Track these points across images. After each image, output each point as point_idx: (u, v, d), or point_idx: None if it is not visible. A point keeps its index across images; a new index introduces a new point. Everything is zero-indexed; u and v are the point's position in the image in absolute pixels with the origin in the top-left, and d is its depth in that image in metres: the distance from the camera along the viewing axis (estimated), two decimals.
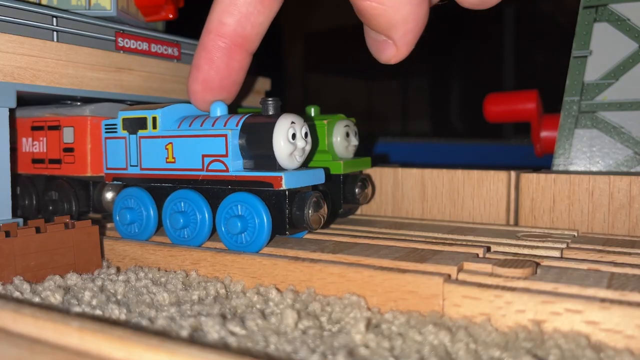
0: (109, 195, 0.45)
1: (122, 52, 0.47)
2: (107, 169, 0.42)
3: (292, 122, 0.35)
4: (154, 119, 0.39)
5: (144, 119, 0.39)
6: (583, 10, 0.48)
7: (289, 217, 0.35)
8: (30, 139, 0.48)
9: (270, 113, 0.36)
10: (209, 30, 0.37)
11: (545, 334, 0.25)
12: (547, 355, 0.23)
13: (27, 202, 0.48)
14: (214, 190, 0.37)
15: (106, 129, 0.41)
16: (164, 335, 0.23)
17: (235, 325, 0.25)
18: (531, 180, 0.44)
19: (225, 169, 0.36)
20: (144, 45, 0.49)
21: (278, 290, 0.31)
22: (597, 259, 0.32)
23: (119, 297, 0.31)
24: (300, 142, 0.35)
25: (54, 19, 0.42)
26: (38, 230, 0.35)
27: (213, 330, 0.25)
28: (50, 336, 0.23)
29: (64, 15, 0.43)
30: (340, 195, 0.44)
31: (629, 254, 0.33)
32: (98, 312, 0.28)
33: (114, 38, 0.46)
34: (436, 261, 0.30)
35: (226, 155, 0.36)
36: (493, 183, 0.46)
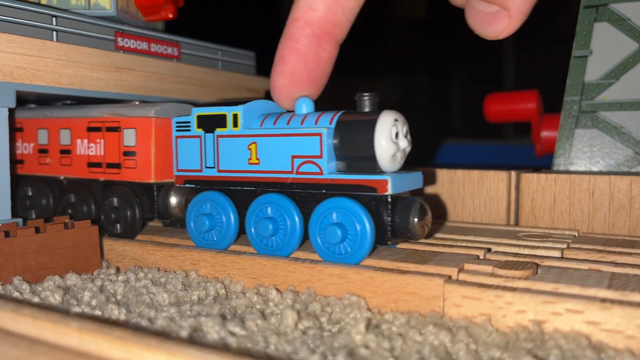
0: (175, 199, 0.41)
1: (121, 51, 0.47)
2: (178, 170, 0.38)
3: (395, 120, 0.32)
4: (235, 116, 0.35)
5: (223, 116, 0.36)
6: (583, 10, 0.48)
7: (391, 225, 0.32)
8: (85, 141, 0.44)
9: (367, 109, 0.33)
10: (297, 18, 0.34)
11: (546, 334, 0.25)
12: (547, 355, 0.23)
13: (85, 209, 0.44)
14: (305, 194, 0.34)
15: (177, 127, 0.38)
16: (164, 335, 0.23)
17: (235, 325, 0.25)
18: (531, 180, 0.44)
19: (319, 171, 0.33)
20: (144, 45, 0.49)
21: (278, 290, 0.31)
22: (598, 259, 0.32)
23: (118, 297, 0.31)
24: (402, 142, 0.32)
25: (54, 18, 0.42)
26: (37, 230, 0.35)
27: (213, 331, 0.25)
28: (49, 336, 0.23)
29: (64, 15, 0.43)
30: None
31: (630, 254, 0.33)
32: (97, 312, 0.28)
33: (113, 38, 0.46)
34: (437, 262, 0.30)
35: (320, 157, 0.33)
36: (493, 183, 0.46)
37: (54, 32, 0.42)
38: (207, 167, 0.37)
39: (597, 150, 0.46)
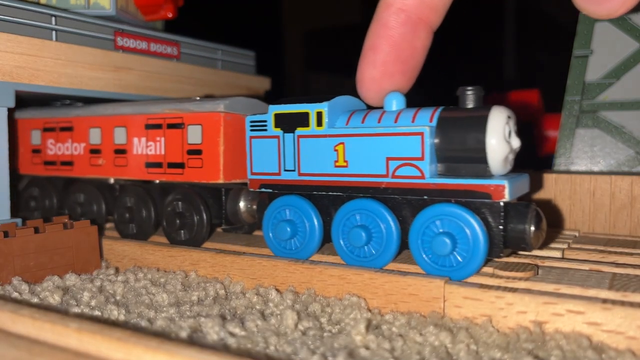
0: (244, 204, 0.38)
1: (121, 51, 0.47)
2: (253, 173, 0.35)
3: (508, 117, 0.29)
4: (319, 114, 0.32)
5: (306, 115, 0.33)
6: None
7: (504, 234, 0.28)
8: (143, 139, 0.40)
9: (471, 105, 0.30)
10: (390, 3, 0.31)
11: (547, 335, 0.24)
12: (548, 356, 0.23)
13: (144, 214, 0.41)
14: (403, 200, 0.31)
15: (252, 126, 0.35)
16: (163, 336, 0.23)
17: (235, 326, 0.25)
18: (532, 180, 0.44)
19: (420, 175, 0.29)
20: (143, 45, 0.49)
21: (278, 291, 0.31)
22: (599, 260, 0.32)
23: (117, 297, 0.31)
24: (514, 142, 0.29)
25: (53, 18, 0.42)
26: (37, 230, 0.35)
27: (212, 331, 0.25)
28: (48, 337, 0.22)
29: (63, 15, 0.43)
30: None
31: (631, 254, 0.33)
32: (97, 313, 0.28)
33: (113, 37, 0.46)
34: None
35: (422, 159, 0.29)
36: None
37: (53, 32, 0.42)
38: (286, 170, 0.34)
39: (598, 150, 0.46)
